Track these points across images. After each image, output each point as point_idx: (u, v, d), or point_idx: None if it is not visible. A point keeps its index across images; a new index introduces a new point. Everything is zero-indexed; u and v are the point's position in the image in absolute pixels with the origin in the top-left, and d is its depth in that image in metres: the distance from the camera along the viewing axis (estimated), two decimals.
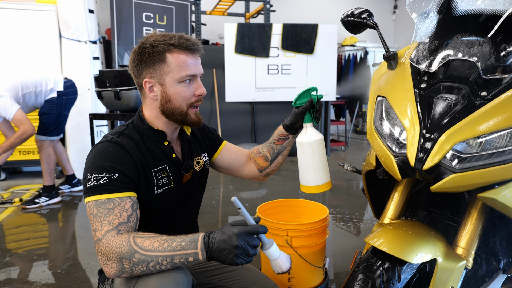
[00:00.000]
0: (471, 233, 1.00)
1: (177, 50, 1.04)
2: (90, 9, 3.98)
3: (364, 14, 1.22)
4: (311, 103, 1.19)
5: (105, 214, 0.91)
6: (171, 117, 1.08)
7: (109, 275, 0.88)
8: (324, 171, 1.20)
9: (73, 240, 2.43)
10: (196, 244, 0.85)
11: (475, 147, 0.88)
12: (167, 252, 0.85)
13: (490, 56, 0.92)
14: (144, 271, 0.85)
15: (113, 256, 0.85)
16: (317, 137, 1.19)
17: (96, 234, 0.90)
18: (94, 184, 0.95)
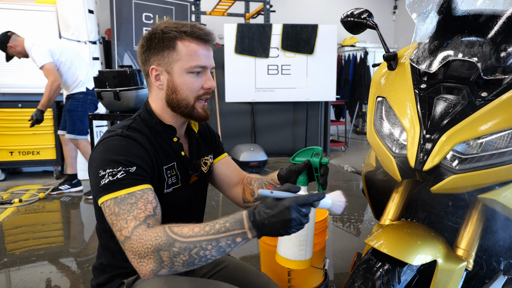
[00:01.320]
0: (472, 235, 1.00)
1: (189, 38, 0.97)
2: (89, 9, 3.97)
3: (364, 15, 1.21)
4: (306, 165, 1.00)
5: (129, 210, 0.83)
6: (177, 110, 1.02)
7: (146, 274, 0.78)
8: (310, 245, 0.97)
9: (73, 241, 2.43)
10: (242, 224, 0.77)
11: (475, 148, 0.87)
12: (211, 236, 0.76)
13: (491, 57, 0.91)
14: (186, 260, 0.76)
15: (149, 251, 0.77)
16: None
17: (122, 233, 0.81)
18: (110, 180, 0.86)
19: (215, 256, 0.78)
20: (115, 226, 0.83)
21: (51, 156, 4.03)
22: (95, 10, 4.07)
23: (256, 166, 4.24)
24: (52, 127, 4.00)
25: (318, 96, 4.98)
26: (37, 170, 4.33)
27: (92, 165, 0.90)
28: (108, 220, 0.85)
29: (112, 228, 0.84)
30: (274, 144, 5.09)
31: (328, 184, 1.00)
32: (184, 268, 0.78)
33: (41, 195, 3.31)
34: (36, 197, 3.29)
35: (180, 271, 0.79)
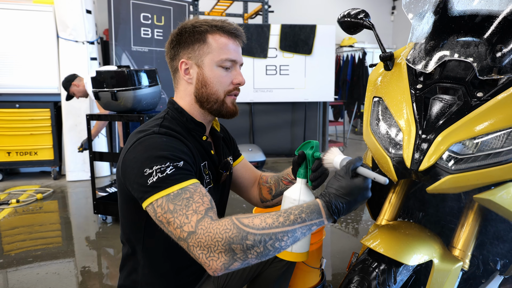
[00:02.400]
0: (468, 235, 1.00)
1: (220, 32, 0.98)
2: (87, 9, 3.97)
3: (361, 15, 1.21)
4: (301, 157, 0.97)
5: (186, 205, 0.78)
6: (206, 105, 1.00)
7: (217, 268, 0.73)
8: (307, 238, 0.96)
9: (70, 242, 2.42)
10: (319, 214, 0.76)
11: (471, 148, 0.87)
12: (286, 227, 0.74)
13: (486, 57, 0.91)
14: (260, 252, 0.73)
15: (219, 244, 0.72)
16: (304, 197, 0.93)
17: (184, 229, 0.76)
18: (159, 177, 0.81)
19: (288, 244, 0.75)
20: (172, 224, 0.77)
21: (48, 157, 4.02)
22: (93, 10, 4.06)
23: (255, 166, 4.23)
24: (50, 127, 3.99)
25: (317, 96, 4.99)
26: (34, 170, 4.32)
27: (133, 166, 0.85)
28: (162, 220, 0.79)
29: (168, 227, 0.79)
30: (273, 145, 5.09)
31: None
32: (256, 260, 0.74)
33: (38, 196, 3.30)
34: (33, 198, 3.29)
35: (253, 264, 0.75)
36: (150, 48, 4.26)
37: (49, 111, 3.96)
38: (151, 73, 2.58)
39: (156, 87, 2.62)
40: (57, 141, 4.04)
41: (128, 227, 1.01)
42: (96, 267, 2.04)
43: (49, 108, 3.96)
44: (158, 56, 4.33)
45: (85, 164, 3.96)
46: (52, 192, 3.52)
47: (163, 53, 4.36)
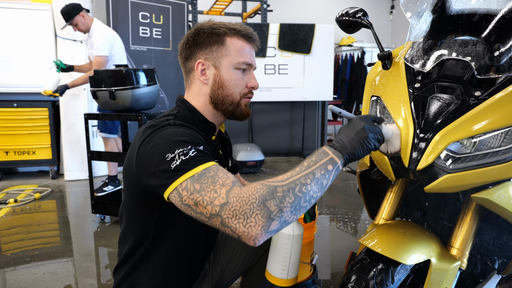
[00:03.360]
0: (465, 234, 1.00)
1: (238, 35, 1.00)
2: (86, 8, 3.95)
3: (359, 14, 1.21)
4: None
5: (212, 182, 0.77)
6: (221, 106, 1.01)
7: (257, 234, 0.71)
8: (292, 267, 1.05)
9: (68, 242, 2.41)
10: (326, 153, 0.79)
11: (469, 147, 0.87)
12: (304, 172, 0.75)
13: (484, 56, 0.91)
14: (292, 202, 0.72)
15: (254, 205, 0.71)
16: (297, 231, 1.03)
17: (215, 203, 0.74)
18: (183, 159, 0.80)
19: (316, 191, 0.76)
20: (201, 203, 0.75)
21: (46, 156, 4.01)
22: (91, 9, 4.04)
23: (253, 165, 4.24)
24: (48, 126, 3.98)
25: (315, 95, 4.98)
26: (32, 170, 4.31)
27: (152, 156, 0.84)
28: (188, 202, 0.77)
29: (197, 208, 0.76)
30: (271, 144, 5.09)
31: None
32: (292, 215, 0.74)
33: (36, 196, 3.29)
34: (31, 197, 3.28)
35: (290, 221, 0.74)
36: (149, 47, 4.25)
37: (47, 110, 3.95)
38: (149, 72, 2.57)
39: (155, 86, 2.61)
40: (55, 141, 4.03)
41: (136, 224, 1.01)
42: (94, 267, 2.04)
43: (47, 107, 3.95)
44: (156, 55, 4.32)
45: (83, 164, 3.95)
46: (50, 192, 3.51)
47: (162, 52, 4.35)
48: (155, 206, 0.95)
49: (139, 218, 1.00)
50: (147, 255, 1.02)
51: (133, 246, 1.02)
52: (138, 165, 0.89)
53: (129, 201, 1.01)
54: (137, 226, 1.01)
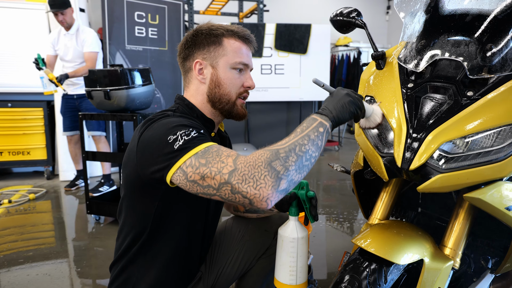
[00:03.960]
0: (458, 233, 1.00)
1: (235, 37, 1.04)
2: (80, 8, 3.94)
3: (353, 14, 1.21)
4: (293, 197, 1.06)
5: (217, 154, 0.79)
6: (218, 105, 1.04)
7: (268, 194, 0.74)
8: (301, 271, 1.03)
9: (62, 242, 2.40)
10: (314, 118, 0.85)
11: (461, 147, 0.87)
12: (299, 135, 0.81)
13: (477, 56, 0.91)
14: (296, 161, 0.77)
15: (262, 168, 0.74)
16: (301, 234, 1.03)
17: (223, 172, 0.76)
18: (185, 139, 0.82)
19: (314, 151, 0.81)
20: (209, 175, 0.77)
21: (41, 156, 3.98)
22: (87, 9, 4.03)
23: None
24: (43, 127, 3.96)
25: (312, 95, 4.99)
26: (27, 170, 4.28)
27: (153, 141, 0.86)
28: (194, 178, 0.79)
29: (204, 182, 0.78)
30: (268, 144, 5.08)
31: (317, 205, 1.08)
32: (297, 174, 0.78)
33: (31, 196, 3.27)
34: (26, 198, 3.26)
35: (295, 180, 0.78)
36: (145, 47, 4.24)
37: (42, 110, 3.93)
38: (144, 72, 2.57)
39: (150, 86, 2.61)
40: (50, 141, 4.01)
41: (134, 217, 1.02)
42: (88, 268, 2.03)
43: (42, 107, 3.93)
44: (152, 55, 4.30)
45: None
46: (45, 192, 3.49)
47: (158, 52, 4.34)
48: (154, 197, 0.98)
49: (138, 211, 1.01)
50: (144, 250, 1.03)
51: (131, 240, 1.03)
52: (139, 155, 0.90)
53: (129, 194, 1.02)
54: (135, 219, 1.02)
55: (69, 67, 3.34)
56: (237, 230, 1.26)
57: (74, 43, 3.30)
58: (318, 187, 3.79)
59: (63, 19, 3.22)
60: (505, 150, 0.85)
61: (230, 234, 1.26)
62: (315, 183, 3.90)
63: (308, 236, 1.55)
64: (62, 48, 3.33)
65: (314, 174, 4.30)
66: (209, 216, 1.13)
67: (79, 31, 3.31)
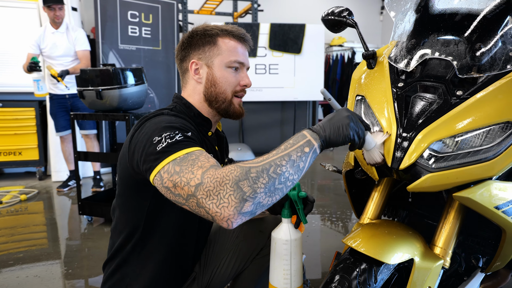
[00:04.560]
0: (449, 233, 1.00)
1: (229, 36, 1.05)
2: (73, 7, 3.91)
3: (344, 13, 1.21)
4: (285, 198, 1.05)
5: (192, 164, 0.77)
6: (214, 104, 1.06)
7: (230, 215, 0.71)
8: (295, 275, 1.01)
9: (54, 244, 2.38)
10: (304, 135, 0.79)
11: (451, 147, 0.87)
12: (281, 154, 0.75)
13: (466, 55, 0.91)
14: (266, 183, 0.72)
15: (227, 186, 0.71)
16: (294, 236, 1.01)
17: (191, 184, 0.74)
18: (169, 142, 0.81)
19: (292, 174, 0.75)
20: (179, 184, 0.76)
21: (33, 157, 3.94)
22: (79, 8, 3.99)
23: None
24: (35, 127, 3.91)
25: (306, 95, 4.99)
26: (19, 171, 4.24)
27: (142, 140, 0.86)
28: (168, 185, 0.78)
29: (175, 190, 0.77)
30: (262, 144, 5.09)
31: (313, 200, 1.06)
32: (267, 197, 0.73)
33: (22, 197, 3.23)
34: (17, 199, 3.22)
35: (264, 204, 0.73)
36: (138, 46, 4.22)
37: (33, 110, 3.89)
38: (137, 72, 2.55)
39: (143, 85, 2.59)
40: (42, 141, 3.97)
41: (128, 215, 1.02)
42: (80, 269, 2.01)
43: (33, 107, 3.89)
44: (146, 54, 4.28)
45: None
46: (37, 193, 3.45)
47: (151, 52, 4.32)
48: (146, 195, 0.98)
49: (131, 209, 1.01)
50: (138, 248, 1.02)
51: (124, 238, 1.03)
52: (130, 152, 0.91)
53: (123, 191, 1.03)
54: (129, 217, 1.02)
55: (58, 65, 3.32)
56: (231, 230, 1.25)
57: (66, 41, 3.32)
58: (312, 186, 3.80)
59: (60, 14, 3.24)
60: (494, 149, 0.85)
61: (225, 235, 1.25)
62: (309, 183, 3.90)
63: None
64: (50, 46, 3.31)
65: (309, 173, 4.30)
66: None
67: (69, 29, 3.34)
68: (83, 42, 3.36)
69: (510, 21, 0.91)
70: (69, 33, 3.33)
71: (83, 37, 3.38)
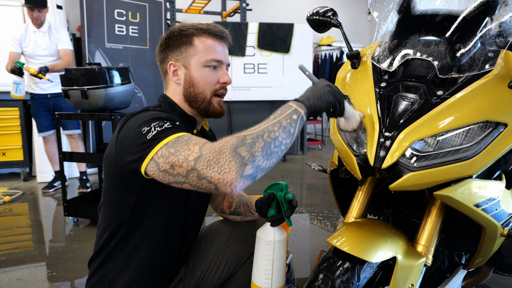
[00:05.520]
0: (431, 231, 1.01)
1: (205, 35, 1.05)
2: (58, 5, 3.84)
3: (329, 13, 1.21)
4: (271, 198, 1.05)
5: (186, 143, 0.80)
6: (194, 104, 1.06)
7: (232, 179, 0.74)
8: (276, 276, 1.01)
9: (38, 246, 2.33)
10: (290, 105, 0.84)
11: (432, 146, 0.89)
12: (271, 122, 0.80)
13: (446, 56, 0.93)
14: (263, 147, 0.76)
15: (226, 154, 0.74)
16: (279, 237, 1.01)
17: (189, 159, 0.77)
18: (158, 130, 0.84)
19: (284, 138, 0.80)
20: (177, 163, 0.78)
21: (18, 158, 3.87)
22: (64, 6, 3.93)
23: None
24: (19, 127, 3.84)
25: (295, 94, 4.99)
26: (3, 172, 4.15)
27: (130, 133, 0.88)
28: (165, 168, 0.79)
29: (173, 171, 0.79)
30: None
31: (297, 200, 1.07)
32: (265, 161, 0.77)
33: (6, 199, 3.17)
34: (1, 201, 3.15)
35: (263, 167, 0.77)
36: (125, 45, 4.17)
37: (18, 110, 3.82)
38: (123, 71, 2.52)
39: (129, 85, 2.56)
40: (27, 141, 3.90)
41: (113, 210, 1.02)
42: (65, 271, 1.98)
43: (18, 107, 3.82)
44: (133, 53, 4.23)
45: None
46: (21, 194, 3.39)
47: (139, 51, 4.27)
48: (132, 190, 0.98)
49: (117, 205, 1.02)
50: (122, 243, 1.02)
51: (109, 234, 1.03)
52: (117, 147, 0.92)
53: (109, 188, 1.03)
54: (114, 212, 1.02)
55: (40, 64, 3.28)
56: (222, 233, 1.25)
57: (48, 40, 3.29)
58: (301, 185, 3.81)
59: (38, 16, 3.20)
60: (474, 148, 0.87)
61: (215, 237, 1.24)
62: (298, 182, 3.91)
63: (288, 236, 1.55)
64: (32, 45, 3.27)
65: (298, 173, 4.32)
66: (189, 213, 1.12)
67: (51, 28, 3.31)
68: (66, 41, 3.34)
69: (489, 23, 0.93)
70: (52, 32, 3.31)
71: (66, 36, 3.36)
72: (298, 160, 5.02)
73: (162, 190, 0.99)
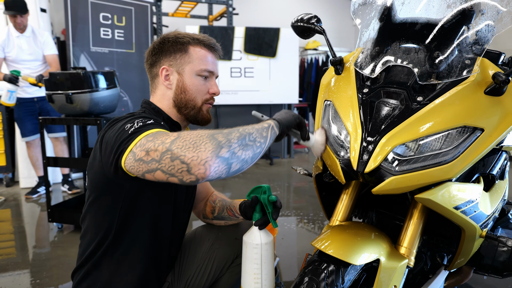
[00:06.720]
0: (413, 233, 1.04)
1: (200, 45, 1.08)
2: (42, 8, 3.79)
3: (313, 20, 1.24)
4: (254, 201, 1.06)
5: (166, 134, 0.81)
6: (184, 110, 1.08)
7: (206, 158, 0.72)
8: (266, 279, 1.01)
9: (22, 253, 2.28)
10: (266, 122, 0.90)
11: (413, 150, 0.91)
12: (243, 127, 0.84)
13: (425, 63, 0.96)
14: (238, 137, 0.79)
15: (203, 138, 0.75)
16: (265, 239, 1.02)
17: (166, 141, 0.77)
18: (140, 125, 0.86)
19: (258, 137, 0.83)
20: (153, 147, 0.77)
21: (0, 163, 3.78)
22: (48, 9, 3.87)
23: None
24: (1, 131, 3.76)
25: (281, 98, 5.04)
26: None
27: (114, 134, 0.88)
28: (141, 155, 0.79)
29: (148, 157, 0.78)
30: None
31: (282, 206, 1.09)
32: (240, 150, 0.78)
33: None
34: None
35: (239, 156, 0.78)
36: (111, 49, 4.13)
37: (0, 114, 3.73)
38: (108, 75, 2.50)
39: (115, 89, 2.54)
40: (9, 146, 3.81)
41: (99, 219, 1.01)
42: (49, 279, 1.94)
43: (0, 111, 3.73)
44: (119, 57, 4.20)
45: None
46: (4, 200, 3.31)
47: (125, 55, 4.24)
48: (118, 196, 0.98)
49: (103, 212, 1.00)
50: (110, 251, 1.01)
51: (96, 243, 1.01)
52: (102, 151, 0.92)
53: (94, 195, 1.01)
54: (101, 221, 1.01)
55: (26, 69, 3.25)
56: (206, 238, 1.25)
57: (33, 44, 3.26)
58: (288, 189, 3.83)
59: (21, 21, 3.18)
60: (452, 152, 0.90)
61: (200, 242, 1.25)
62: (285, 185, 3.93)
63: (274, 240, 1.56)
64: (16, 50, 3.23)
65: (285, 176, 4.34)
66: (176, 218, 1.13)
67: (35, 33, 3.28)
68: (52, 46, 3.33)
69: (466, 31, 0.96)
70: (36, 37, 3.28)
71: (51, 41, 3.34)
72: (285, 163, 5.04)
73: (149, 196, 0.99)
